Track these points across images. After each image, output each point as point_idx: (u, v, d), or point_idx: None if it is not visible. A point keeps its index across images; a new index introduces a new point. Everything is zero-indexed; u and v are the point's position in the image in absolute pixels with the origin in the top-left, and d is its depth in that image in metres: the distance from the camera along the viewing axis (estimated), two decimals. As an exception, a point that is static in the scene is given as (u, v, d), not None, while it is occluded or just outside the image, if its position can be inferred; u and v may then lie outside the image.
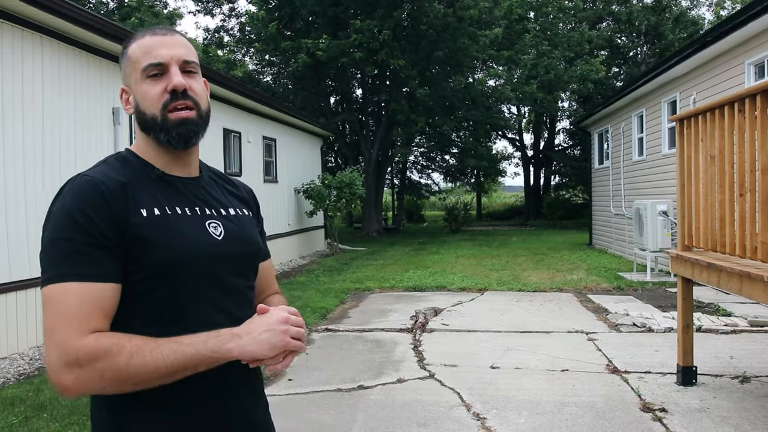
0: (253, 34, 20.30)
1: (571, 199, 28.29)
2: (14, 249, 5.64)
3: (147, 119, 1.24)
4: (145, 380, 1.10)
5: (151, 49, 1.24)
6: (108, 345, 1.07)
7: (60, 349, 1.07)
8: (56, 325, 1.08)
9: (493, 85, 20.96)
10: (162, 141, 1.25)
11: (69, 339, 1.07)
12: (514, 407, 4.18)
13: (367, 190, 18.16)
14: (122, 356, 1.07)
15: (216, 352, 1.13)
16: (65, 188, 1.18)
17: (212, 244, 1.25)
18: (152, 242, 1.16)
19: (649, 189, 11.32)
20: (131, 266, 1.15)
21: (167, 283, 1.17)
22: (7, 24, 5.58)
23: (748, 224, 3.58)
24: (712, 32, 8.05)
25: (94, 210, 1.12)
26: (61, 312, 1.08)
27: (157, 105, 1.22)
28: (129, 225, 1.15)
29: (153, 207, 1.20)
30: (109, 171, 1.21)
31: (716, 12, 26.89)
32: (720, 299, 7.71)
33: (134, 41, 1.27)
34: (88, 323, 1.08)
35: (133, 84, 1.26)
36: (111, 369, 1.07)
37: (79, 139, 6.57)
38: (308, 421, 4.03)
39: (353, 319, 7.18)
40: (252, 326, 1.18)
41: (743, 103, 3.64)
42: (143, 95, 1.23)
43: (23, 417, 4.06)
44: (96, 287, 1.10)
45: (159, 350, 1.09)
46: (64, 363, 1.06)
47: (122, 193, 1.17)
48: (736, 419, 3.87)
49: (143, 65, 1.23)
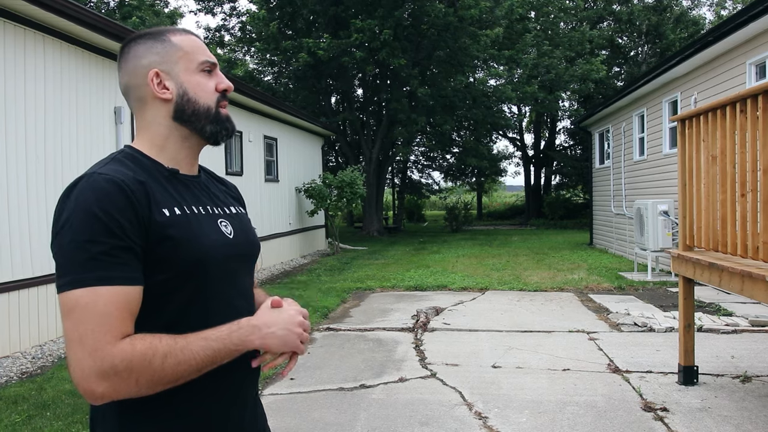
0: (254, 33, 20.31)
1: (571, 199, 28.29)
2: (16, 248, 5.65)
3: (198, 109, 1.26)
4: (177, 379, 1.10)
5: (203, 48, 1.29)
6: (143, 349, 1.06)
7: (94, 357, 1.03)
8: (87, 332, 1.04)
9: (494, 84, 20.96)
10: (206, 132, 1.27)
11: (103, 346, 1.03)
12: (516, 406, 4.19)
13: (367, 190, 18.17)
14: (156, 359, 1.06)
15: (240, 344, 1.15)
16: (79, 187, 1.12)
17: (226, 243, 1.26)
18: (178, 242, 1.15)
19: (650, 189, 11.32)
20: (156, 267, 1.13)
21: (189, 283, 1.17)
22: (10, 23, 5.59)
23: (750, 224, 3.59)
24: (713, 32, 8.05)
25: (119, 211, 1.09)
26: (92, 317, 1.04)
27: (212, 99, 1.27)
28: (153, 225, 1.13)
29: (173, 206, 1.19)
30: (125, 169, 1.17)
31: (717, 12, 26.90)
32: (721, 299, 7.71)
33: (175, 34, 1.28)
34: (120, 328, 1.06)
35: (180, 72, 1.25)
36: (146, 373, 1.05)
37: (81, 138, 6.58)
38: (310, 420, 4.04)
39: (354, 319, 7.19)
40: (270, 319, 1.20)
41: (745, 103, 3.65)
42: (199, 85, 1.26)
43: (26, 416, 4.07)
44: (125, 290, 1.08)
45: (189, 348, 1.09)
46: (97, 371, 1.03)
47: (143, 193, 1.14)
48: (737, 419, 3.88)
49: (201, 59, 1.27)
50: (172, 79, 1.25)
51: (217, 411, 1.22)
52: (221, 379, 1.20)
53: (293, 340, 1.21)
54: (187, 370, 1.09)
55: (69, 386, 4.67)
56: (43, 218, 5.96)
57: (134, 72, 1.26)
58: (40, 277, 5.90)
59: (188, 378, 1.11)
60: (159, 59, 1.25)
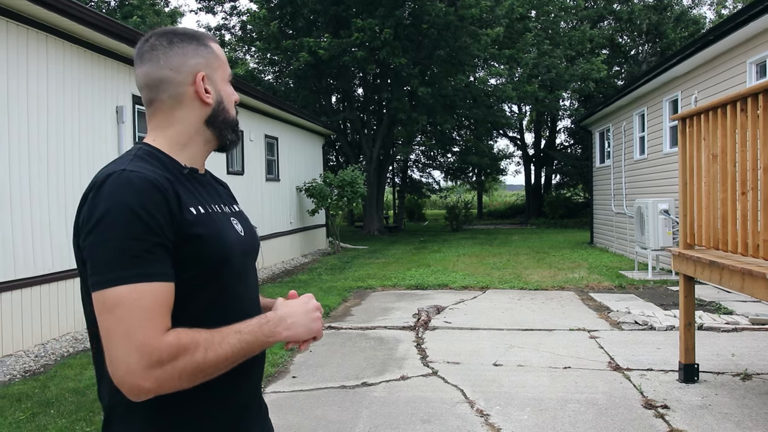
0: (255, 32, 20.31)
1: (572, 198, 28.31)
2: (19, 247, 5.67)
3: (228, 118, 1.33)
4: (215, 372, 1.12)
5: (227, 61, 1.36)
6: (187, 341, 1.08)
7: (142, 352, 1.04)
8: (134, 327, 1.05)
9: (495, 83, 20.97)
10: (227, 139, 1.34)
11: (150, 340, 1.05)
12: (517, 404, 4.21)
13: (368, 189, 18.18)
14: (199, 351, 1.08)
15: (271, 335, 1.20)
16: (111, 184, 1.11)
17: (240, 240, 1.29)
18: (206, 240, 1.17)
19: (651, 188, 11.33)
20: (184, 264, 1.14)
21: (214, 281, 1.20)
22: (13, 23, 5.60)
23: (750, 222, 3.61)
24: (713, 31, 8.06)
25: (156, 208, 1.11)
26: (138, 313, 1.05)
27: (234, 110, 1.35)
28: (184, 223, 1.15)
29: (197, 205, 1.21)
30: (152, 167, 1.18)
31: (717, 11, 26.90)
32: (721, 297, 7.73)
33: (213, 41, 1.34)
34: (163, 322, 1.08)
35: (218, 80, 1.31)
36: (189, 365, 1.07)
37: (83, 138, 6.59)
38: (313, 417, 4.06)
39: (356, 317, 7.21)
40: (291, 310, 1.26)
41: (745, 102, 3.67)
42: (230, 96, 1.34)
43: (30, 413, 4.09)
44: (165, 287, 1.10)
45: (227, 341, 1.12)
46: (146, 364, 1.04)
47: (174, 191, 1.16)
48: (738, 416, 3.90)
49: (229, 71, 1.35)
50: (212, 85, 1.30)
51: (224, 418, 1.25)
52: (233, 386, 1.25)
53: (316, 326, 1.28)
54: (224, 363, 1.12)
55: (72, 384, 4.69)
56: (45, 218, 5.98)
57: (179, 69, 1.25)
58: (42, 275, 5.92)
59: (223, 371, 1.14)
60: (205, 63, 1.29)
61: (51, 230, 6.06)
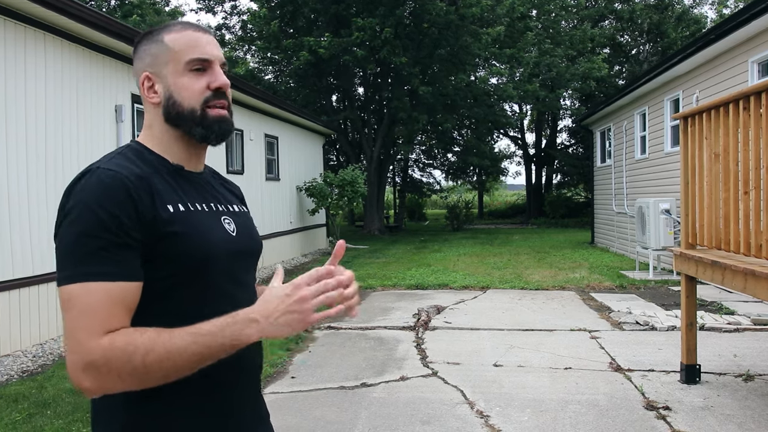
0: (255, 32, 20.30)
1: (573, 198, 28.27)
2: (17, 246, 5.65)
3: (182, 110, 1.23)
4: (166, 375, 1.07)
5: (198, 43, 1.24)
6: (122, 345, 1.04)
7: (77, 352, 1.04)
8: (76, 326, 1.05)
9: (495, 83, 20.94)
10: (196, 135, 1.25)
11: (85, 341, 1.05)
12: (518, 405, 4.18)
13: (368, 189, 18.16)
14: (137, 355, 1.04)
15: (235, 339, 1.08)
16: (83, 181, 1.13)
17: (229, 240, 1.26)
18: (182, 238, 1.15)
19: (652, 187, 11.30)
20: (160, 262, 1.13)
21: (194, 280, 1.17)
22: (11, 21, 5.58)
23: (753, 222, 3.57)
24: (715, 30, 8.03)
25: (119, 206, 1.09)
26: (83, 312, 1.05)
27: (198, 99, 1.23)
28: (157, 221, 1.13)
29: (177, 203, 1.19)
30: (129, 164, 1.17)
31: (719, 10, 26.84)
32: (723, 298, 7.70)
33: (173, 31, 1.25)
34: (109, 323, 1.06)
35: (168, 73, 1.24)
36: (128, 369, 1.04)
37: (81, 137, 6.57)
38: (312, 418, 4.03)
39: (356, 317, 7.17)
40: (269, 306, 1.09)
41: (748, 100, 3.63)
42: (183, 87, 1.23)
43: (26, 414, 4.06)
44: (120, 286, 1.08)
45: (173, 343, 1.05)
46: (81, 366, 1.04)
47: (147, 188, 1.14)
48: (740, 417, 3.87)
49: (188, 57, 1.23)
50: (161, 81, 1.24)
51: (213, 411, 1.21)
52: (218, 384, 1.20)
53: (299, 319, 1.08)
54: (174, 367, 1.05)
55: (69, 385, 4.66)
56: (43, 217, 5.95)
57: (137, 73, 1.28)
58: (41, 275, 5.89)
59: (182, 374, 1.07)
60: (150, 61, 1.25)
61: (49, 230, 6.04)
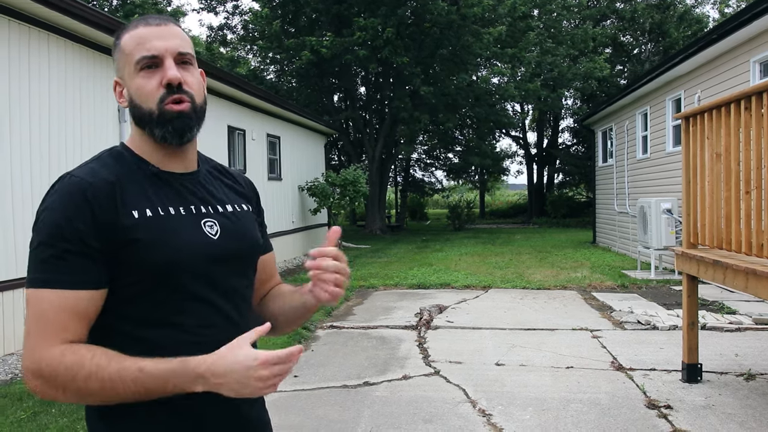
0: (257, 31, 20.32)
1: (574, 198, 28.26)
2: (21, 245, 5.67)
3: (143, 113, 1.19)
4: (106, 400, 1.07)
5: (144, 40, 1.17)
6: (70, 363, 1.04)
7: (28, 356, 1.07)
8: (29, 331, 1.07)
9: (497, 82, 20.95)
10: (156, 136, 1.19)
11: (36, 348, 1.06)
12: (520, 403, 4.20)
13: (370, 188, 18.18)
14: (80, 377, 1.04)
15: (179, 390, 1.07)
16: (54, 188, 1.14)
17: (207, 243, 1.20)
18: (145, 245, 1.12)
19: (654, 187, 11.30)
20: (123, 269, 1.11)
21: (163, 285, 1.14)
22: (15, 22, 5.60)
23: (755, 221, 3.58)
24: (716, 30, 8.03)
25: (76, 214, 1.08)
26: (35, 318, 1.07)
27: (153, 99, 1.17)
28: (118, 228, 1.10)
29: (145, 208, 1.15)
30: (100, 169, 1.16)
31: (721, 10, 26.81)
32: (724, 297, 7.70)
33: (127, 32, 1.21)
34: (60, 333, 1.06)
35: (126, 77, 1.20)
36: (72, 386, 1.05)
37: (85, 138, 6.59)
38: (314, 417, 4.05)
39: (358, 317, 7.20)
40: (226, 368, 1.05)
41: (749, 100, 3.64)
42: (138, 89, 1.18)
43: (31, 412, 4.08)
44: (73, 295, 1.07)
45: (119, 376, 1.04)
46: (30, 371, 1.06)
47: (110, 195, 1.12)
48: (741, 416, 3.88)
49: (136, 57, 1.17)
50: (126, 85, 1.22)
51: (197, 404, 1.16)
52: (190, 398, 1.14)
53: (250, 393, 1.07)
54: (117, 396, 1.05)
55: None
56: (47, 216, 5.97)
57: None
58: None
59: (126, 401, 1.06)
60: (116, 66, 1.24)
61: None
